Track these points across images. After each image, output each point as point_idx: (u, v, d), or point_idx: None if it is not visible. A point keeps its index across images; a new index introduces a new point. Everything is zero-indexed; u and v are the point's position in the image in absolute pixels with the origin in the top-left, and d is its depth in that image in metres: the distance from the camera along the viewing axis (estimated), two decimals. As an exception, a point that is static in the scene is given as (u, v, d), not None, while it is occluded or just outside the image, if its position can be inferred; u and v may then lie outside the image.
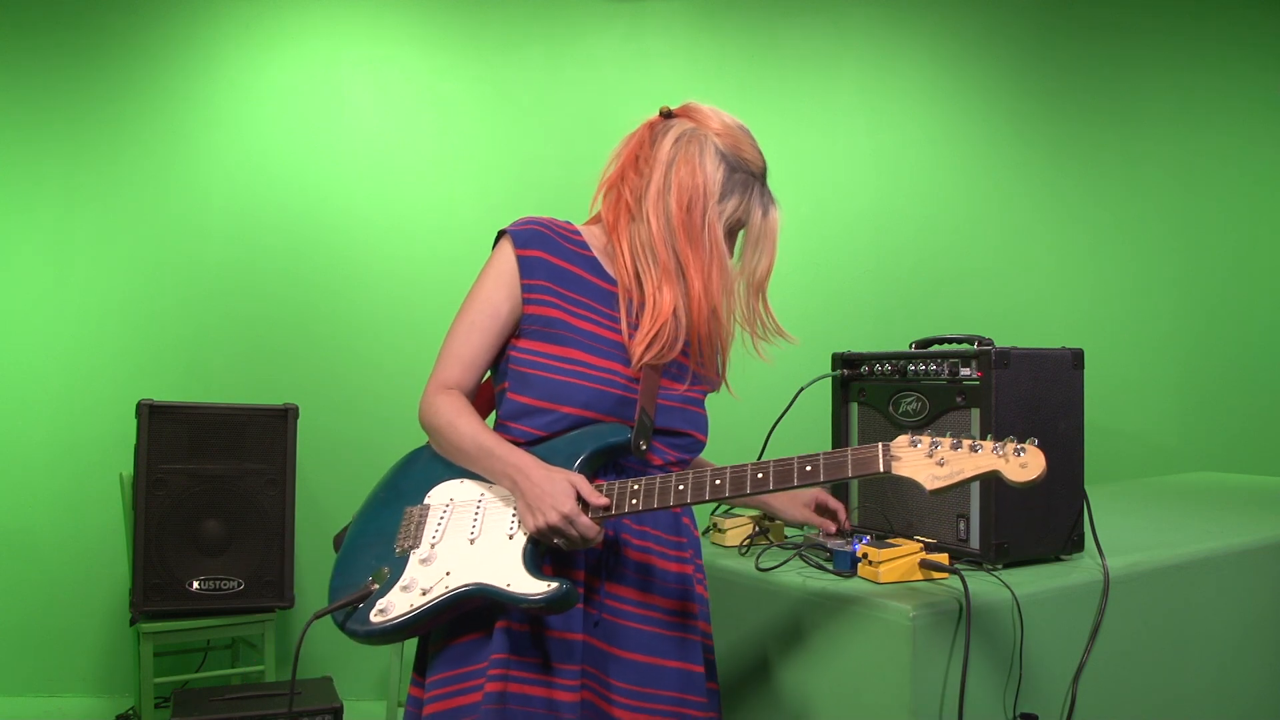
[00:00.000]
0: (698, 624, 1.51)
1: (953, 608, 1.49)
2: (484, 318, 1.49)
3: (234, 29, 3.54)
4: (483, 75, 3.67)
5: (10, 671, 3.35)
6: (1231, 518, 2.30)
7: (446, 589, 1.35)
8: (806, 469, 1.31)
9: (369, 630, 1.35)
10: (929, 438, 1.28)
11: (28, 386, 3.39)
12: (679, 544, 1.53)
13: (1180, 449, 4.12)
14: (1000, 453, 1.24)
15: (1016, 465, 1.23)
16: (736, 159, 1.51)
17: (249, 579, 3.00)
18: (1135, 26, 4.14)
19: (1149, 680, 1.81)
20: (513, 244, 1.49)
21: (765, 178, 1.55)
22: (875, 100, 3.98)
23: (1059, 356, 1.76)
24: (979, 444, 1.25)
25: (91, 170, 3.44)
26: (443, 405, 1.47)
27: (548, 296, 1.48)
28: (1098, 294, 4.12)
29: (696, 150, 1.49)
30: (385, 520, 1.48)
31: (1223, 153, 4.19)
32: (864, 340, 2.20)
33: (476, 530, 1.40)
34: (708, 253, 1.47)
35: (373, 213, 3.59)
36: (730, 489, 1.34)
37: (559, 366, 1.45)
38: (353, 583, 1.41)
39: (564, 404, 1.44)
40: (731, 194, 1.50)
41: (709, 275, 1.48)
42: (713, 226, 1.48)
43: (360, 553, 1.46)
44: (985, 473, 1.24)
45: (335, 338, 3.52)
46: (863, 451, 1.30)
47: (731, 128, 1.53)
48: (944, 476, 1.25)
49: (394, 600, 1.35)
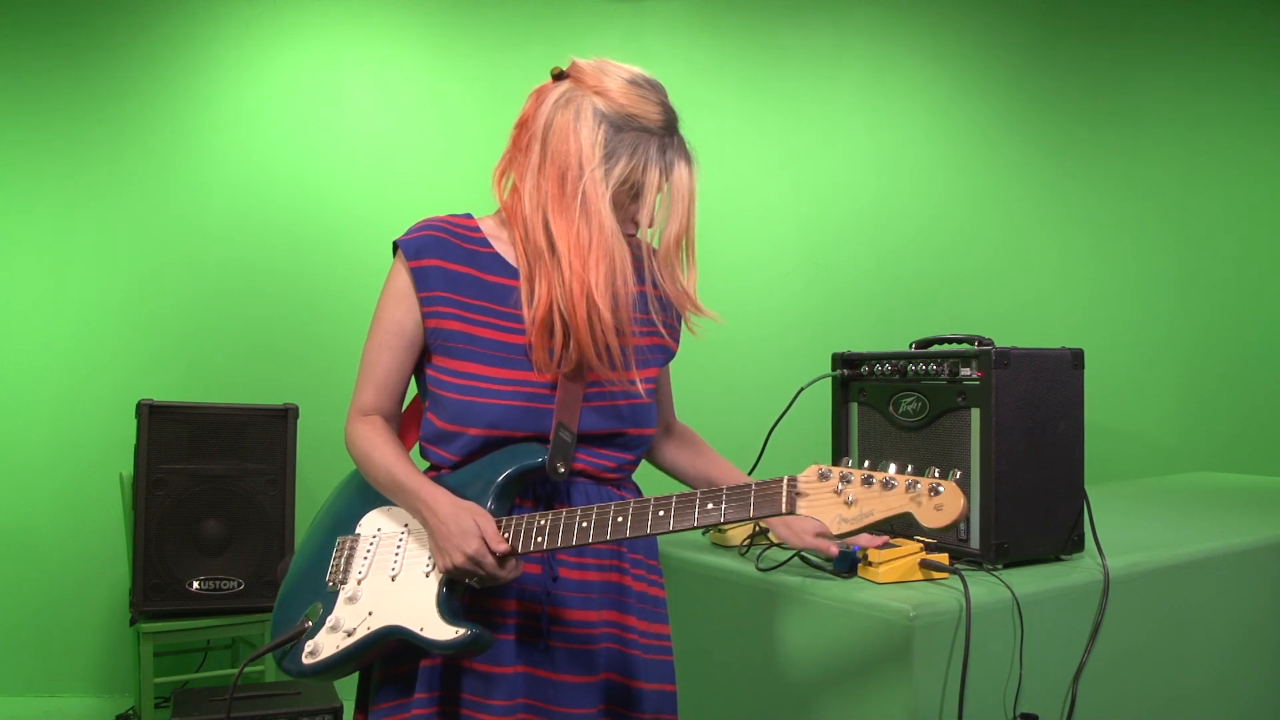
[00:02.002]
0: (648, 628, 1.45)
1: (953, 608, 1.49)
2: (389, 337, 1.42)
3: (234, 29, 3.54)
4: (483, 75, 3.67)
5: (10, 671, 3.35)
6: (1231, 518, 2.30)
7: (368, 629, 1.32)
8: (708, 507, 1.23)
9: (301, 670, 1.35)
10: (839, 470, 1.19)
11: (28, 386, 3.39)
12: (616, 553, 1.45)
13: (1180, 449, 4.12)
14: (913, 492, 1.15)
15: (930, 508, 1.14)
16: (621, 116, 1.35)
17: (249, 579, 3.00)
18: (1135, 26, 4.14)
19: (1149, 680, 1.81)
20: (404, 256, 1.41)
21: (670, 132, 1.39)
22: (875, 100, 3.98)
23: (1059, 356, 1.76)
24: (892, 479, 1.16)
25: (91, 170, 3.44)
26: (359, 435, 1.42)
27: (446, 308, 1.39)
28: (1098, 294, 4.12)
29: (572, 114, 1.35)
30: (321, 549, 1.45)
31: (1223, 153, 4.19)
32: (864, 340, 2.20)
33: (398, 566, 1.36)
34: (579, 228, 1.34)
35: (373, 213, 3.59)
36: (631, 528, 1.26)
37: (462, 384, 1.38)
38: (290, 618, 1.41)
39: (470, 425, 1.37)
40: (619, 156, 1.35)
41: (585, 254, 1.33)
42: (589, 198, 1.33)
43: (298, 586, 1.44)
44: (896, 515, 1.16)
45: (335, 338, 3.52)
46: (767, 489, 1.21)
47: (618, 81, 1.37)
48: (852, 519, 1.17)
49: (322, 642, 1.34)
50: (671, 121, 1.39)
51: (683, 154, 1.39)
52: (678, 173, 1.38)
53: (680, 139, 1.40)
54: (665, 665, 1.48)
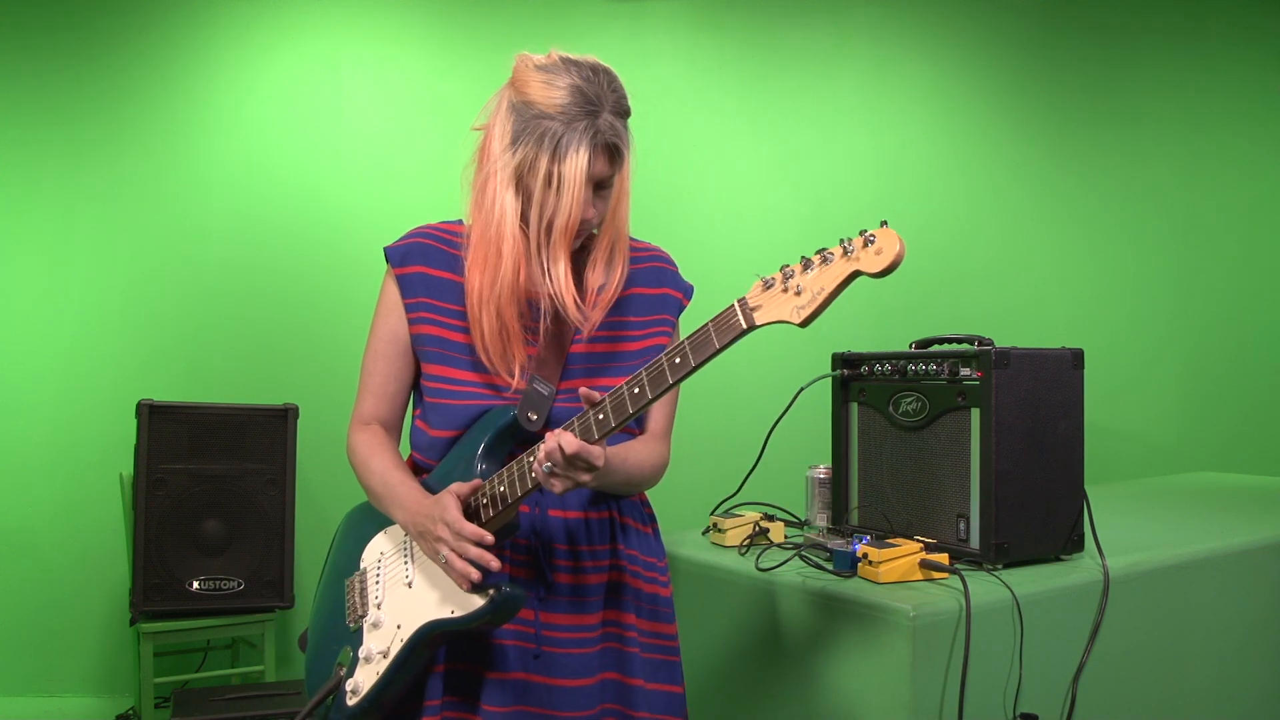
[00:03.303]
0: (643, 625, 1.44)
1: (953, 608, 1.49)
2: (384, 344, 1.44)
3: (234, 29, 3.54)
4: (483, 75, 3.64)
5: (10, 671, 3.35)
6: (1231, 518, 2.30)
7: (401, 642, 1.31)
8: (676, 361, 1.20)
9: (349, 715, 1.32)
10: (780, 273, 1.20)
11: (28, 386, 3.38)
12: (613, 552, 1.44)
13: (1180, 449, 4.12)
14: (850, 252, 1.14)
15: (871, 255, 1.13)
16: (523, 102, 1.32)
17: (249, 579, 3.00)
18: (1135, 26, 4.15)
19: (1149, 680, 1.81)
20: (391, 264, 1.44)
21: (579, 117, 1.30)
22: (875, 100, 3.98)
23: (1059, 356, 1.76)
24: (829, 253, 1.16)
25: (92, 170, 3.44)
26: (358, 444, 1.43)
27: (428, 314, 1.41)
28: (1098, 294, 4.12)
29: (493, 109, 1.38)
30: (334, 601, 1.45)
31: (1223, 153, 4.19)
32: (864, 340, 2.20)
33: (410, 573, 1.36)
34: (479, 219, 1.36)
35: (373, 213, 3.59)
36: (614, 417, 1.22)
37: (444, 389, 1.39)
38: (324, 676, 1.39)
39: (446, 428, 1.38)
40: (521, 143, 1.32)
41: (480, 247, 1.35)
42: (488, 186, 1.34)
43: (322, 643, 1.43)
44: (844, 279, 1.15)
45: (335, 338, 3.52)
46: (723, 318, 1.21)
47: (529, 68, 1.34)
48: (806, 303, 1.17)
49: (360, 678, 1.33)
50: (581, 105, 1.30)
51: (585, 140, 1.30)
52: (571, 158, 1.29)
53: (592, 124, 1.30)
54: (669, 665, 1.47)
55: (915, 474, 1.83)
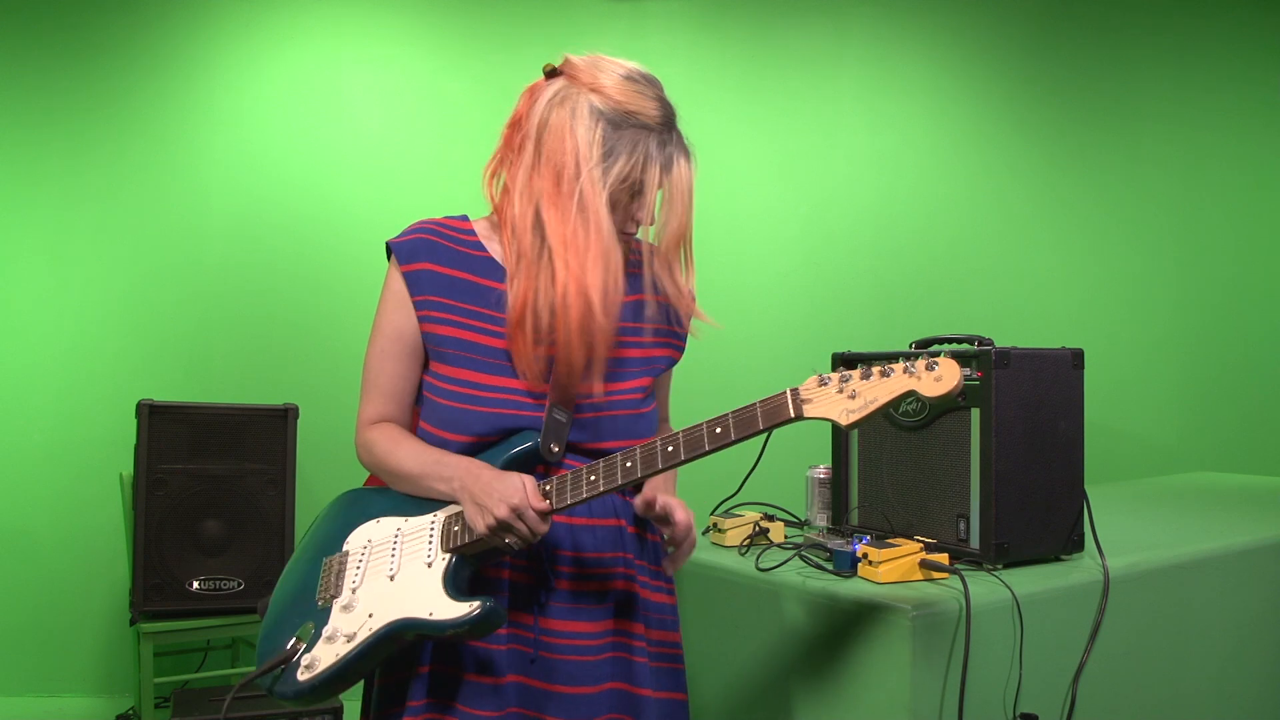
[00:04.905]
0: (651, 635, 1.42)
1: (953, 608, 1.49)
2: (390, 343, 1.40)
3: (234, 29, 3.54)
4: (483, 75, 3.67)
5: (10, 671, 3.35)
6: (1231, 518, 2.30)
7: (370, 631, 1.27)
8: (717, 431, 1.23)
9: (297, 689, 1.27)
10: (838, 374, 1.22)
11: (28, 386, 3.39)
12: (624, 560, 1.43)
13: (1180, 449, 4.12)
14: (911, 372, 1.18)
15: (930, 380, 1.17)
16: (619, 113, 1.32)
17: (249, 579, 3.00)
18: (1135, 26, 4.15)
19: (1149, 680, 1.81)
20: (397, 260, 1.39)
21: (669, 128, 1.36)
22: (875, 100, 3.98)
23: (1059, 356, 1.76)
24: (890, 368, 1.20)
25: (92, 170, 3.44)
26: (376, 438, 1.40)
27: (439, 313, 1.37)
28: (1098, 294, 4.12)
29: (568, 113, 1.33)
30: (306, 575, 1.41)
31: (1223, 153, 4.19)
32: (864, 340, 2.20)
33: (395, 566, 1.32)
34: (575, 227, 1.30)
35: (373, 213, 3.59)
36: (642, 468, 1.26)
37: (453, 391, 1.35)
38: (279, 646, 1.34)
39: (461, 432, 1.34)
40: (618, 154, 1.32)
41: (582, 254, 1.30)
42: (586, 197, 1.30)
43: (284, 614, 1.38)
44: (899, 395, 1.18)
45: (335, 338, 3.52)
46: (772, 401, 1.23)
47: (614, 77, 1.34)
48: (857, 409, 1.19)
49: (319, 654, 1.28)
50: (669, 116, 1.36)
51: (682, 149, 1.37)
52: (678, 169, 1.35)
53: (679, 134, 1.38)
54: (675, 674, 1.46)
55: (915, 474, 1.83)
